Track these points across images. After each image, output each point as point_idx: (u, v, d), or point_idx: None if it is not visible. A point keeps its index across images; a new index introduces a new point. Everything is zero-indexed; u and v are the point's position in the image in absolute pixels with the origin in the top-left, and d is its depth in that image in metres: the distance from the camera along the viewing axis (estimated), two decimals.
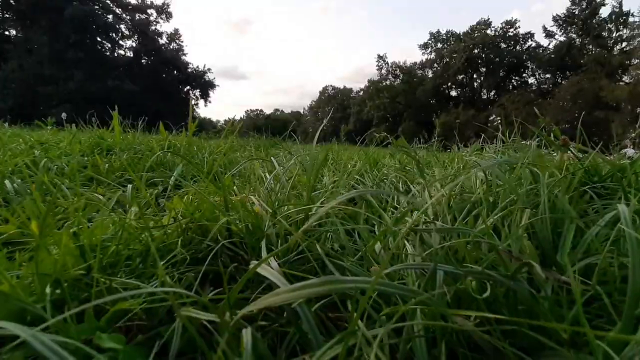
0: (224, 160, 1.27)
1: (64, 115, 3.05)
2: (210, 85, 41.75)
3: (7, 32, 34.47)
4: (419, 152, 1.71)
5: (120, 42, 36.38)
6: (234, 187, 0.98)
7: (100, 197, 0.68)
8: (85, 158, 1.26)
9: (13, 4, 31.81)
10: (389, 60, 67.07)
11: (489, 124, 53.11)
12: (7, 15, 33.74)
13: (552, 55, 45.90)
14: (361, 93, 77.57)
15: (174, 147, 1.34)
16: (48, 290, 0.30)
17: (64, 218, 0.65)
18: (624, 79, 37.54)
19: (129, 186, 0.76)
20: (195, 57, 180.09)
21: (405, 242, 0.36)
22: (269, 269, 0.30)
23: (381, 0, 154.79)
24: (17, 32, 33.34)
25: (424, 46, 62.72)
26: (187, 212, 0.49)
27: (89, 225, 0.62)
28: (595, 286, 0.32)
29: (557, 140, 1.29)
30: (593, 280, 0.33)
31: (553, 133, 0.95)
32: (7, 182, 0.77)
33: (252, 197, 0.46)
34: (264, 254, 0.36)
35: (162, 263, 0.38)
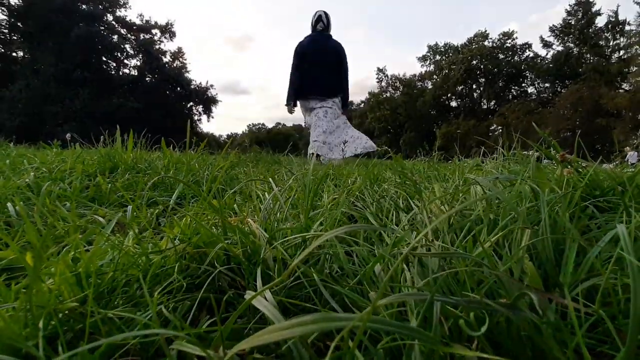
0: (225, 177, 1.27)
1: (68, 135, 3.09)
2: (213, 101, 42.34)
3: (14, 54, 35.42)
4: (420, 165, 1.71)
5: (125, 61, 37.21)
6: (235, 205, 0.98)
7: (101, 219, 0.68)
8: (89, 179, 1.27)
9: (20, 26, 32.77)
10: (389, 72, 67.92)
11: (490, 134, 53.40)
12: (15, 37, 34.73)
13: (551, 65, 46.37)
14: (362, 105, 78.39)
15: (176, 165, 1.35)
16: (41, 324, 0.29)
17: (63, 240, 0.65)
18: (623, 87, 37.71)
19: (129, 207, 0.76)
20: (198, 73, 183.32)
21: (405, 265, 0.35)
22: (264, 302, 0.30)
23: (378, 15, 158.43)
24: (25, 53, 34.21)
25: (423, 58, 63.60)
26: (185, 236, 0.49)
27: (87, 248, 0.62)
28: (598, 310, 0.31)
29: (557, 153, 1.28)
30: (596, 304, 0.32)
31: (552, 147, 0.95)
32: (9, 204, 0.78)
33: (249, 220, 0.46)
34: (259, 284, 0.36)
35: (157, 292, 0.38)
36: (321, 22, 4.11)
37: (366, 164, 3.54)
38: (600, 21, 41.91)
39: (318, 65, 3.85)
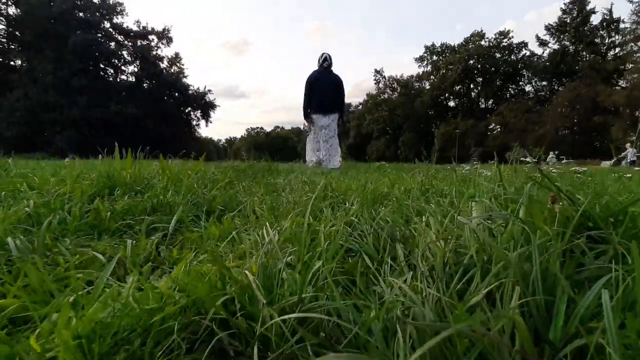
0: (223, 196, 1.28)
1: (70, 156, 3.10)
2: (211, 105, 42.42)
3: (12, 62, 35.47)
4: (418, 178, 1.72)
5: (123, 67, 37.26)
6: (235, 224, 0.99)
7: (100, 256, 0.68)
8: (90, 200, 1.27)
9: (18, 35, 32.84)
10: (386, 74, 68.05)
11: (489, 132, 53.33)
12: (12, 47, 34.79)
13: (547, 63, 46.50)
14: (360, 107, 78.58)
15: (175, 185, 1.36)
16: None
17: (64, 280, 0.66)
18: (620, 84, 37.82)
19: (128, 242, 0.76)
20: (195, 78, 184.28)
21: (398, 326, 0.36)
22: None
23: (374, 18, 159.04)
24: (22, 61, 34.25)
25: (420, 59, 63.78)
26: (182, 285, 0.49)
27: (88, 290, 0.63)
28: None
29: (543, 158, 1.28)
30: None
31: (539, 157, 0.95)
32: (9, 240, 0.78)
33: (247, 273, 0.46)
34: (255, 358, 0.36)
35: (159, 354, 0.38)
36: (326, 62, 5.57)
37: (366, 169, 3.55)
38: (595, 19, 42.12)
39: (323, 92, 5.35)
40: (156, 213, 1.14)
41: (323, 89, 5.31)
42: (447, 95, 61.84)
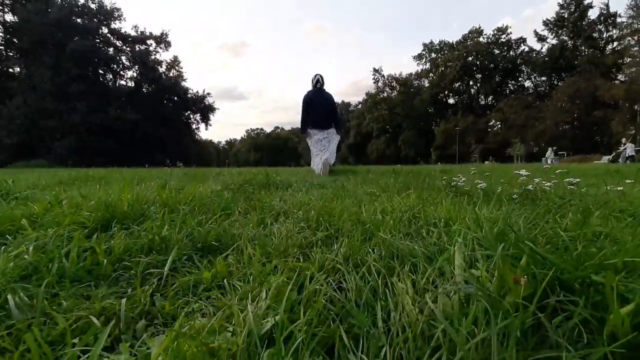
0: (218, 230, 1.32)
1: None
2: (210, 109, 42.52)
3: (10, 70, 35.60)
4: (410, 199, 1.75)
5: (122, 72, 37.36)
6: (228, 263, 1.02)
7: (95, 320, 0.72)
8: (89, 234, 1.31)
9: (16, 42, 32.95)
10: (385, 73, 67.96)
11: (489, 129, 53.08)
12: (11, 53, 34.91)
13: (546, 58, 46.35)
14: (359, 106, 78.57)
15: (171, 218, 1.40)
16: None
17: (62, 343, 0.70)
18: (619, 78, 37.71)
19: (122, 302, 0.80)
20: (194, 81, 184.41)
21: None
22: None
23: (372, 17, 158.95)
24: (21, 69, 34.35)
25: (418, 57, 63.71)
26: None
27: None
28: None
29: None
30: None
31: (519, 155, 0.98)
32: (9, 298, 0.82)
33: None
34: None
35: None
36: (319, 82, 6.19)
37: (362, 179, 3.58)
38: (593, 14, 42.04)
39: (318, 111, 6.05)
40: (152, 252, 1.18)
41: (317, 108, 6.03)
42: (446, 92, 61.79)
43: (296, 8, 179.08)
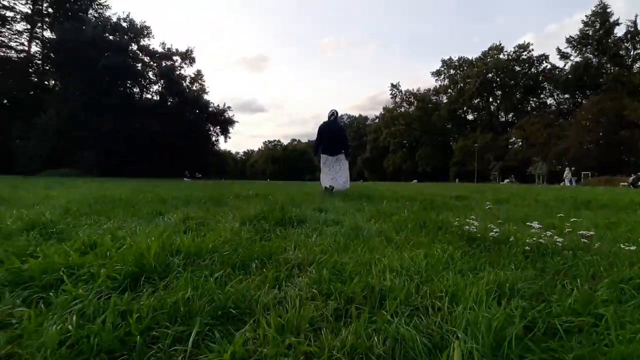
0: (237, 295, 1.40)
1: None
2: (230, 122, 43.65)
3: (46, 82, 37.93)
4: (419, 258, 1.80)
5: (148, 86, 39.06)
6: (245, 338, 1.10)
7: None
8: (120, 289, 1.42)
9: (53, 56, 35.20)
10: (403, 88, 68.09)
11: (509, 146, 51.75)
12: (47, 68, 37.27)
13: (569, 76, 45.28)
14: (376, 120, 78.73)
15: (192, 274, 1.50)
16: None
17: None
18: None
19: None
20: (215, 94, 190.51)
21: None
22: None
23: (389, 32, 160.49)
24: (56, 82, 36.54)
25: (437, 73, 63.67)
26: None
27: None
28: None
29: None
30: None
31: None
32: None
33: None
34: None
35: None
36: (333, 115, 7.24)
37: (375, 212, 3.62)
38: (619, 31, 40.95)
39: (330, 138, 7.04)
40: (177, 320, 1.24)
41: (331, 136, 7.03)
42: (465, 108, 61.17)
43: (313, 22, 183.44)
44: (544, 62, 51.73)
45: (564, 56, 45.51)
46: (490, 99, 58.78)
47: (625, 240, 2.67)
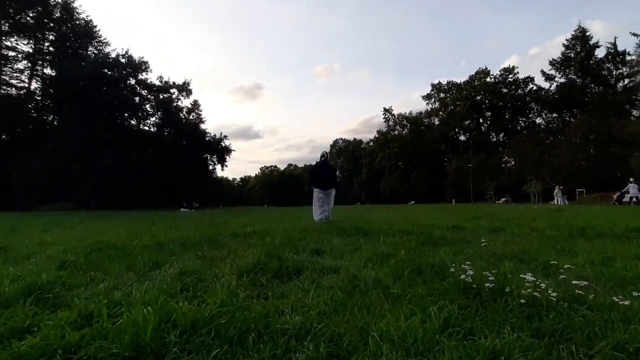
0: None
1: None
2: (227, 150, 44.10)
3: (45, 117, 38.44)
4: (416, 322, 1.81)
5: (145, 119, 39.68)
6: None
7: None
8: None
9: (52, 92, 35.93)
10: (395, 110, 69.65)
11: (503, 165, 52.23)
12: (47, 103, 37.92)
13: (556, 96, 46.60)
14: (371, 144, 79.82)
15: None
16: None
17: None
18: (634, 114, 37.31)
19: None
20: (212, 122, 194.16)
21: None
22: None
23: (380, 58, 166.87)
24: (55, 116, 37.06)
25: (427, 97, 65.44)
26: None
27: None
28: None
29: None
30: None
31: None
32: None
33: None
34: None
35: None
36: (324, 157, 8.71)
37: (371, 252, 3.63)
38: (600, 52, 42.73)
39: (322, 177, 8.33)
40: None
41: (323, 175, 8.31)
42: (456, 130, 62.41)
43: (305, 49, 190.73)
44: (530, 83, 53.50)
45: (548, 78, 47.09)
46: (481, 120, 60.16)
47: (621, 278, 2.69)
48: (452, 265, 2.94)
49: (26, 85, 37.39)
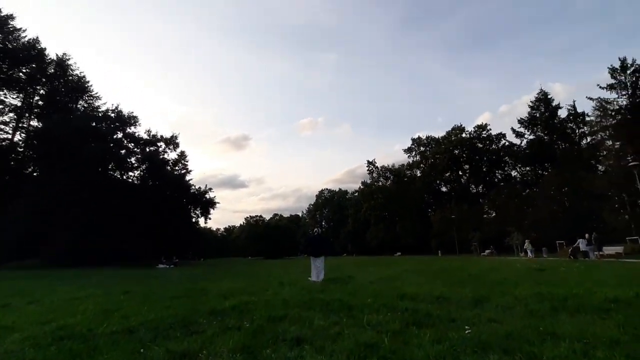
0: None
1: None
2: (211, 203, 43.62)
3: (24, 170, 37.39)
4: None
5: (129, 171, 39.34)
6: None
7: None
8: None
9: (36, 143, 35.42)
10: (378, 162, 72.05)
11: (485, 215, 53.11)
12: (29, 154, 37.13)
13: (527, 151, 49.60)
14: (356, 194, 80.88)
15: None
16: None
17: None
18: (600, 169, 39.70)
19: None
20: (198, 172, 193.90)
21: None
22: None
23: (362, 114, 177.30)
24: (35, 170, 36.15)
25: (409, 150, 68.41)
26: None
27: None
28: None
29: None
30: None
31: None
32: None
33: None
34: None
35: None
36: (317, 232, 15.03)
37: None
38: (562, 113, 46.74)
39: (315, 247, 10.55)
40: None
41: (314, 247, 10.55)
42: (438, 181, 64.50)
43: (290, 103, 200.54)
44: (502, 139, 57.11)
45: (518, 134, 50.45)
46: (460, 172, 62.64)
47: None
48: None
49: (9, 137, 36.97)
